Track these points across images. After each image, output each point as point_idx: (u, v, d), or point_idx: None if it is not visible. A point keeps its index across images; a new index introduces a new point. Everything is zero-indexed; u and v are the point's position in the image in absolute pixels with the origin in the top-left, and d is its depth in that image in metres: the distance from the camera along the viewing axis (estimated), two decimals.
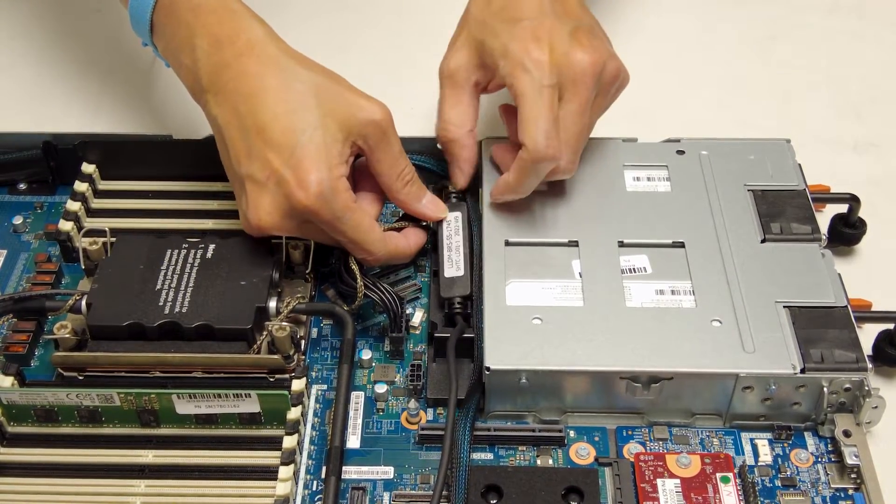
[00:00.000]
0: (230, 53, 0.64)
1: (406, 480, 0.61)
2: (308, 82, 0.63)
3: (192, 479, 0.60)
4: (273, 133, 0.62)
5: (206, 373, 0.64)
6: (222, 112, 0.63)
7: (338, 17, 0.91)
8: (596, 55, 0.64)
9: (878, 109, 0.84)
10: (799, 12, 0.92)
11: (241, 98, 0.63)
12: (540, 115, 0.63)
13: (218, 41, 0.64)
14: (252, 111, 0.62)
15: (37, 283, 0.71)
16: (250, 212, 0.63)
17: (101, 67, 0.87)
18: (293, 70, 0.64)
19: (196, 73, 0.64)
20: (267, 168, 0.62)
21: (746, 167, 0.71)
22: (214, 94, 0.64)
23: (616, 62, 0.67)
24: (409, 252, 0.69)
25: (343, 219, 0.63)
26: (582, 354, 0.61)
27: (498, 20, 0.66)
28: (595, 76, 0.64)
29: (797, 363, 0.60)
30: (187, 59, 0.65)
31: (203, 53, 0.64)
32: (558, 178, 0.67)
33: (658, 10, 0.92)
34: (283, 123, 0.62)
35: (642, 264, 0.66)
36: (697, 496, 0.59)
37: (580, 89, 0.64)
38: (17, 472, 0.61)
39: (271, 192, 0.62)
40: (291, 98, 0.63)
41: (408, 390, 0.66)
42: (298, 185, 0.61)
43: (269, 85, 0.63)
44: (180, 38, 0.65)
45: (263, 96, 0.62)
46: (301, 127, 0.62)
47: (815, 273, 0.65)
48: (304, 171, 0.61)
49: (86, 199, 0.73)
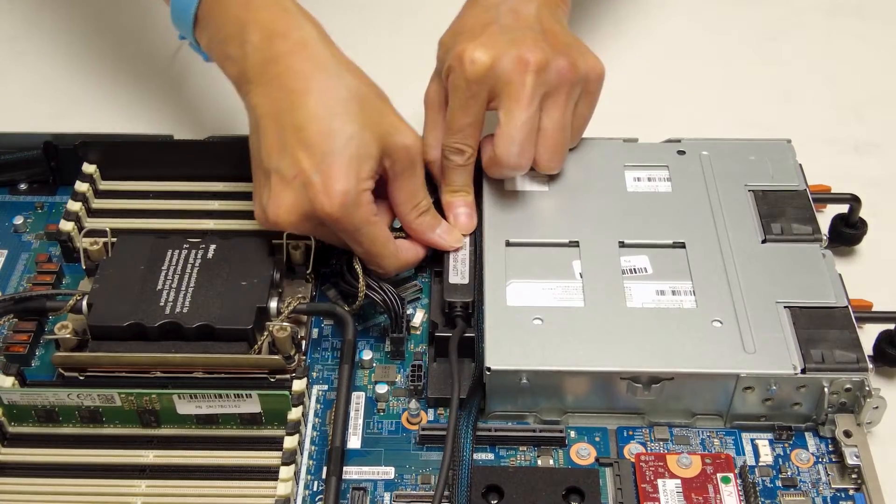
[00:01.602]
0: (281, 49, 0.63)
1: (407, 481, 0.61)
2: (354, 91, 0.63)
3: (193, 480, 0.60)
4: (309, 133, 0.62)
5: (206, 373, 0.64)
6: (263, 102, 0.63)
7: (338, 18, 0.91)
8: (533, 54, 0.65)
9: (878, 109, 0.84)
10: (799, 12, 0.92)
11: (285, 93, 0.63)
12: (452, 117, 0.66)
13: (270, 36, 0.64)
14: (292, 108, 0.62)
15: (37, 283, 0.71)
16: (270, 206, 0.63)
17: (102, 67, 0.87)
18: (341, 76, 0.64)
19: (244, 65, 0.64)
20: (296, 167, 0.62)
21: (747, 167, 0.71)
22: (258, 85, 0.64)
23: (569, 59, 0.66)
24: (417, 260, 0.69)
25: (362, 231, 0.63)
26: (583, 355, 0.61)
27: (448, 35, 0.69)
28: (534, 73, 0.65)
29: (798, 363, 0.60)
30: (235, 52, 0.65)
31: (253, 48, 0.64)
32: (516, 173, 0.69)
33: (658, 11, 0.92)
34: (321, 126, 0.62)
35: (643, 265, 0.66)
36: (698, 496, 0.59)
37: (515, 88, 0.65)
38: (18, 472, 0.61)
39: (296, 191, 0.62)
40: (334, 103, 0.62)
41: (408, 390, 0.66)
42: (324, 192, 0.61)
43: (314, 86, 0.63)
44: (228, 32, 0.65)
45: (307, 96, 0.62)
46: (338, 133, 0.62)
47: (815, 273, 0.65)
48: (332, 179, 0.61)
49: (86, 199, 0.73)
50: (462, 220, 0.69)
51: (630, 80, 0.81)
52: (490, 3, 0.69)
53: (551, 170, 0.69)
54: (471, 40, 0.66)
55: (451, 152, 0.67)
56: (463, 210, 0.69)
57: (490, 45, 0.65)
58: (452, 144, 0.67)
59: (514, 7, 0.68)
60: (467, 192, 0.69)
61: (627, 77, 0.85)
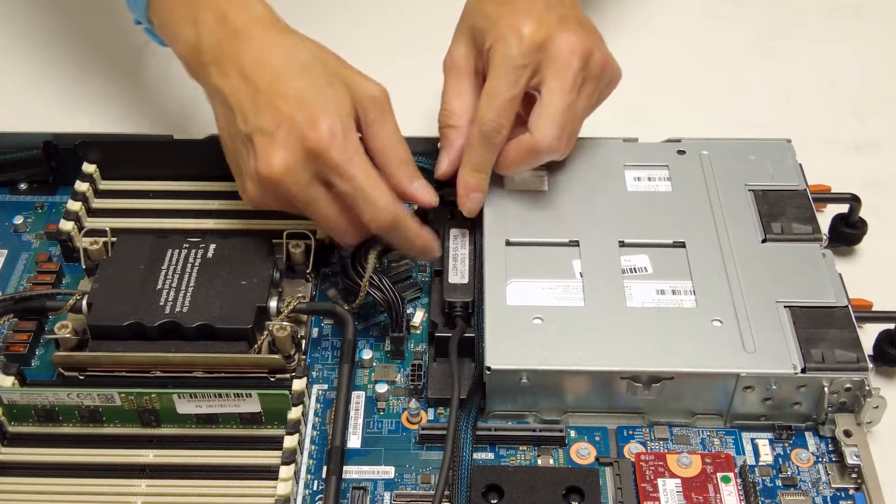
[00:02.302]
0: (236, 26, 0.64)
1: (407, 480, 0.61)
2: (314, 53, 0.65)
3: (193, 479, 0.60)
4: (283, 87, 0.62)
5: (206, 373, 0.64)
6: (228, 81, 0.64)
7: (337, 17, 0.92)
8: (582, 39, 0.65)
9: (878, 109, 0.84)
10: (799, 12, 0.92)
11: (250, 63, 0.63)
12: (498, 88, 0.64)
13: (223, 15, 0.65)
14: (262, 72, 0.63)
15: (37, 282, 0.71)
16: (261, 163, 0.62)
17: (103, 67, 0.87)
18: (300, 42, 0.65)
19: (199, 46, 0.65)
20: (277, 116, 0.62)
21: (747, 167, 0.71)
22: (218, 66, 0.64)
23: (604, 54, 0.67)
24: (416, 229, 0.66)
25: (354, 161, 0.62)
26: (583, 354, 0.61)
27: (490, 4, 0.67)
28: (581, 58, 0.64)
29: (798, 363, 0.60)
30: (188, 32, 0.65)
31: (207, 27, 0.64)
32: (548, 158, 0.67)
33: (658, 11, 0.92)
34: (294, 80, 0.63)
35: (643, 264, 0.66)
36: (698, 496, 0.59)
37: (563, 69, 0.64)
38: (18, 472, 0.61)
39: (282, 139, 0.61)
40: (299, 63, 0.63)
41: (408, 390, 0.66)
42: (311, 126, 0.61)
43: (275, 52, 0.64)
44: (181, 13, 0.66)
45: (273, 59, 0.63)
46: (310, 84, 0.63)
47: (815, 273, 0.65)
48: (317, 114, 0.61)
49: (86, 198, 0.73)
50: (470, 206, 0.67)
51: (630, 80, 0.80)
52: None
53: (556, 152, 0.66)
54: (525, 14, 0.65)
55: (489, 129, 0.65)
56: (477, 195, 0.67)
57: (543, 21, 0.65)
58: (493, 119, 0.65)
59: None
60: (487, 175, 0.67)
61: (627, 77, 0.85)
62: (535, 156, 0.66)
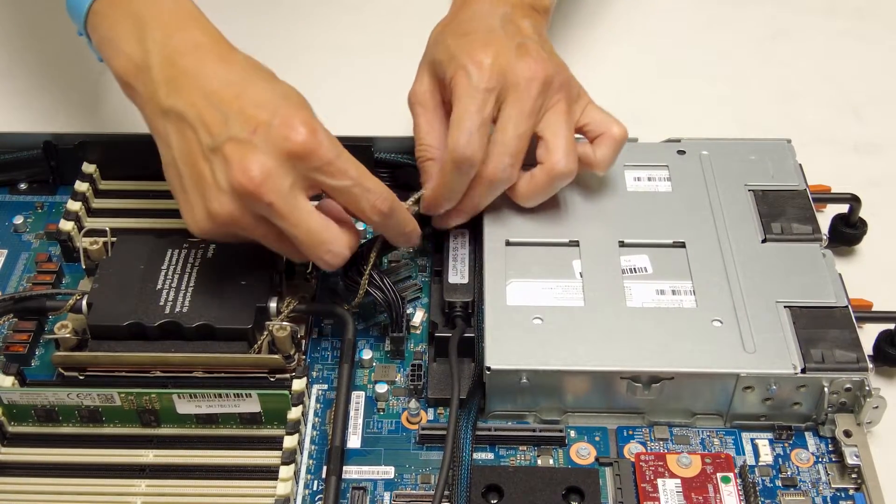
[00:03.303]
0: (189, 43, 0.62)
1: (406, 480, 0.61)
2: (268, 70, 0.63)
3: (193, 479, 0.60)
4: (253, 94, 0.59)
5: (206, 373, 0.64)
6: (183, 98, 0.60)
7: (337, 17, 0.92)
8: (542, 64, 0.65)
9: (878, 109, 0.84)
10: (799, 12, 0.92)
11: (211, 78, 0.60)
12: (466, 115, 0.63)
13: (172, 33, 0.62)
14: (225, 83, 0.60)
15: (37, 282, 0.71)
16: (235, 171, 0.57)
17: (103, 67, 0.87)
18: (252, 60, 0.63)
19: (144, 64, 0.61)
20: (251, 122, 0.58)
21: (747, 167, 0.71)
22: (170, 84, 0.61)
23: (564, 77, 0.66)
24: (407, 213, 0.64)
25: (343, 156, 0.60)
26: (582, 354, 0.61)
27: (450, 36, 0.67)
28: (541, 83, 0.64)
29: (798, 363, 0.60)
30: (132, 49, 0.62)
31: (156, 45, 0.61)
32: (500, 187, 0.66)
33: (658, 10, 0.92)
34: (261, 88, 0.60)
35: (643, 264, 0.66)
36: (698, 496, 0.59)
37: (523, 95, 0.64)
38: (18, 472, 0.61)
39: (260, 144, 0.58)
40: (261, 75, 0.62)
41: (408, 390, 0.66)
42: (291, 128, 0.58)
43: (235, 66, 0.61)
44: (123, 29, 0.63)
45: (233, 74, 0.61)
46: (280, 89, 0.61)
47: (815, 273, 0.65)
48: (294, 116, 0.58)
49: (86, 198, 0.73)
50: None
51: (630, 80, 0.81)
52: (485, 12, 0.68)
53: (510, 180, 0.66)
54: (483, 45, 0.65)
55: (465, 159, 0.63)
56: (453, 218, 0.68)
57: (501, 51, 0.65)
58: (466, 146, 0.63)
59: (512, 19, 0.68)
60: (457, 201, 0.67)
61: (627, 77, 0.85)
62: (491, 186, 0.65)
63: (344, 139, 0.73)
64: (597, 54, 0.86)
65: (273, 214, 0.59)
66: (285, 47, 0.88)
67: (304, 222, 0.59)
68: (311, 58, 0.87)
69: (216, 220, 0.60)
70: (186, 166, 0.60)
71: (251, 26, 0.90)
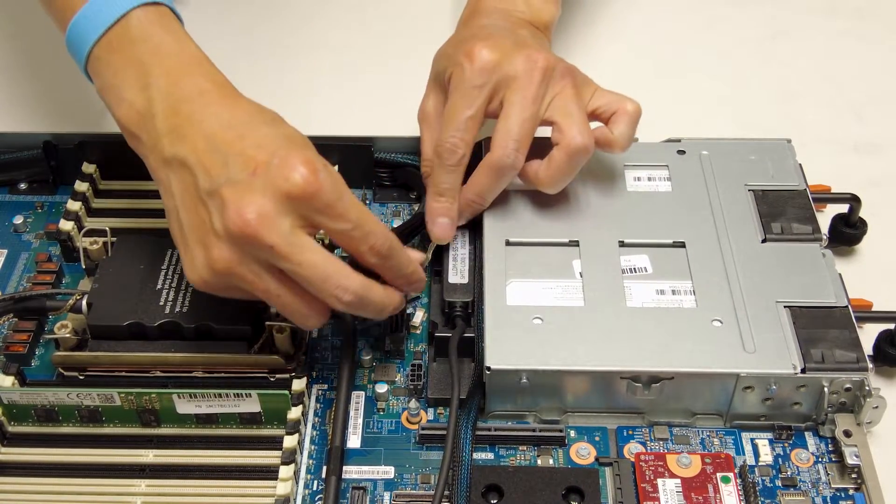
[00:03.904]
0: (192, 90, 0.59)
1: (406, 480, 0.61)
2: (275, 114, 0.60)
3: (193, 479, 0.60)
4: (254, 137, 0.57)
5: (206, 372, 0.64)
6: (186, 145, 0.58)
7: (338, 17, 0.92)
8: (542, 53, 0.65)
9: (878, 109, 0.84)
10: (799, 12, 0.92)
11: (215, 124, 0.58)
12: (453, 111, 0.64)
13: (178, 81, 0.60)
14: (226, 126, 0.58)
15: (37, 282, 0.71)
16: (231, 214, 0.55)
17: None
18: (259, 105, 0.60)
19: (148, 112, 0.59)
20: (251, 163, 0.56)
21: (747, 167, 0.71)
22: (174, 133, 0.58)
23: (566, 65, 0.67)
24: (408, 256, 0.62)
25: (343, 198, 0.57)
26: (582, 354, 0.61)
27: (450, 46, 0.68)
28: (542, 71, 0.64)
29: (798, 363, 0.60)
30: (136, 97, 0.60)
31: (160, 93, 0.59)
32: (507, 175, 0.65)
33: (658, 11, 0.92)
34: (263, 131, 0.58)
35: (643, 264, 0.66)
36: (698, 496, 0.59)
37: (524, 82, 0.64)
38: (18, 472, 0.61)
39: (259, 186, 0.55)
40: (265, 119, 0.59)
41: (408, 390, 0.66)
42: (292, 169, 0.55)
43: (241, 112, 0.59)
44: (126, 76, 0.60)
45: (238, 119, 0.58)
46: (282, 131, 0.58)
47: (815, 273, 0.65)
48: (295, 157, 0.56)
49: (86, 198, 0.73)
50: (438, 232, 0.66)
51: (630, 80, 0.80)
52: (485, 24, 0.69)
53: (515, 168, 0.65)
54: (480, 40, 0.65)
55: (445, 149, 0.64)
56: (444, 220, 0.66)
57: (498, 45, 0.65)
58: (448, 139, 0.64)
59: (511, 29, 0.69)
60: (452, 199, 0.66)
61: (627, 77, 0.85)
62: (498, 173, 0.65)
63: (344, 139, 0.74)
64: (596, 54, 0.86)
65: (274, 256, 0.56)
66: (286, 47, 0.88)
67: (308, 259, 0.56)
68: (311, 58, 0.87)
69: (215, 268, 0.57)
70: (186, 213, 0.58)
71: (251, 26, 0.90)
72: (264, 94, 0.62)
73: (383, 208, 0.76)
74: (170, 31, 0.61)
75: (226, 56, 0.64)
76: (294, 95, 0.83)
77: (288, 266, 0.56)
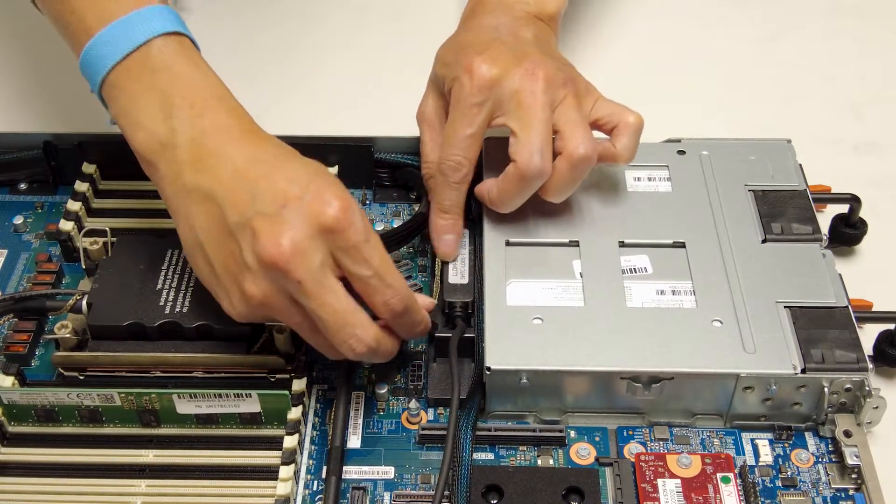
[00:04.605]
0: (216, 124, 0.59)
1: (406, 480, 0.61)
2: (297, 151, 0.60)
3: (193, 479, 0.60)
4: (284, 171, 0.57)
5: (206, 373, 0.64)
6: (210, 176, 0.58)
7: (339, 17, 0.92)
8: (541, 65, 0.64)
9: (878, 109, 0.84)
10: (799, 12, 0.92)
11: (241, 158, 0.58)
12: (453, 130, 0.65)
13: (202, 112, 0.59)
14: (253, 161, 0.58)
15: (37, 282, 0.71)
16: (265, 244, 0.55)
17: None
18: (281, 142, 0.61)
19: (171, 142, 0.59)
20: (281, 196, 0.56)
21: (747, 167, 0.71)
22: (197, 163, 0.58)
23: (567, 73, 0.66)
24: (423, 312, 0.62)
25: (371, 241, 0.57)
26: (582, 354, 0.61)
27: (451, 51, 0.68)
28: (544, 81, 0.64)
29: (798, 363, 0.60)
30: (155, 126, 0.59)
31: (183, 123, 0.59)
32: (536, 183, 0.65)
33: (658, 11, 0.92)
34: (292, 166, 0.58)
35: (643, 264, 0.66)
36: (698, 496, 0.59)
37: (527, 97, 0.64)
38: (18, 472, 0.61)
39: (289, 219, 0.56)
40: (291, 153, 0.60)
41: (408, 390, 0.66)
42: (324, 203, 0.56)
43: (266, 147, 0.59)
44: (145, 103, 0.60)
45: (264, 154, 0.59)
46: (311, 167, 0.59)
47: (815, 273, 0.65)
48: (326, 192, 0.57)
49: (86, 198, 0.73)
50: (444, 249, 0.67)
51: (630, 80, 0.80)
52: (488, 24, 0.69)
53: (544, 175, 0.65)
54: (478, 53, 0.65)
55: (448, 167, 0.65)
56: (449, 237, 0.67)
57: (497, 58, 0.65)
58: (451, 157, 0.65)
59: (513, 30, 0.68)
60: (458, 216, 0.67)
61: (627, 77, 0.85)
62: (525, 182, 0.64)
63: (344, 139, 0.74)
64: (596, 54, 0.86)
65: (300, 293, 0.56)
66: (286, 47, 0.88)
67: (331, 303, 0.57)
68: (311, 58, 0.87)
69: (251, 302, 0.57)
70: (213, 248, 0.58)
71: (252, 27, 0.90)
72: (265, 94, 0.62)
73: (383, 208, 0.76)
74: (192, 62, 0.61)
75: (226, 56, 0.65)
76: (294, 95, 0.83)
77: (309, 305, 0.57)
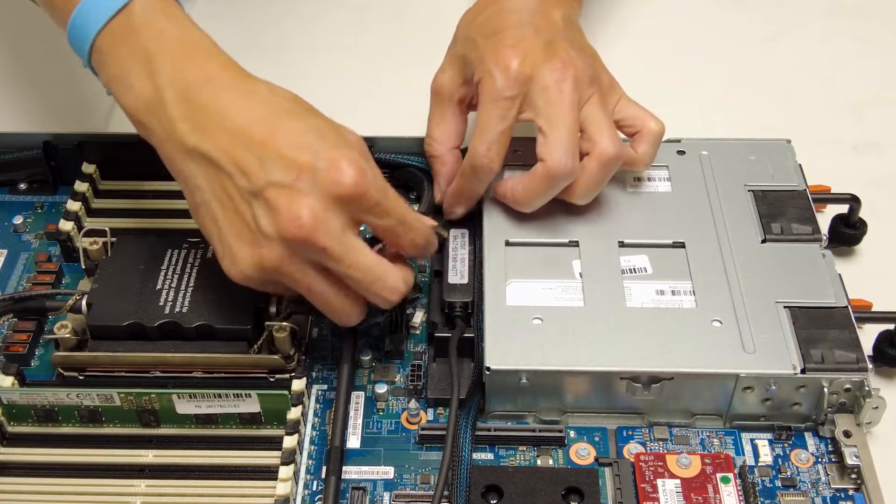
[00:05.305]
0: (200, 75, 0.59)
1: (406, 480, 0.61)
2: (291, 97, 0.60)
3: (193, 479, 0.60)
4: (287, 134, 0.57)
5: (206, 373, 0.64)
6: (210, 138, 0.57)
7: (339, 17, 0.92)
8: (570, 64, 0.64)
9: (878, 109, 0.84)
10: (799, 12, 0.92)
11: (230, 111, 0.58)
12: (487, 123, 0.64)
13: (183, 66, 0.59)
14: (250, 120, 0.57)
15: (37, 282, 0.71)
16: (284, 218, 0.55)
17: None
18: (273, 88, 0.60)
19: (158, 100, 0.59)
20: (293, 168, 0.56)
21: (747, 167, 0.71)
22: (191, 121, 0.58)
23: (594, 71, 0.66)
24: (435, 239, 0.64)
25: (388, 195, 0.58)
26: (582, 354, 0.61)
27: (479, 34, 0.67)
28: (572, 81, 0.64)
29: (797, 363, 0.60)
30: (142, 86, 0.59)
31: (166, 80, 0.58)
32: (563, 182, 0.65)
33: (658, 11, 0.92)
34: (293, 126, 0.57)
35: (643, 264, 0.66)
36: (698, 496, 0.59)
37: (554, 96, 0.64)
38: (18, 472, 0.61)
39: (305, 189, 0.56)
40: (286, 109, 0.59)
41: (408, 390, 0.66)
42: (338, 171, 0.56)
43: (258, 99, 0.58)
44: (130, 66, 0.59)
45: (258, 108, 0.58)
46: (314, 127, 0.58)
47: (815, 273, 0.65)
48: (337, 157, 0.56)
49: (86, 198, 0.73)
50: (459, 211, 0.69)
51: (630, 80, 0.80)
52: (514, 3, 0.68)
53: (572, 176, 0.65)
54: (509, 46, 0.64)
55: (481, 166, 0.65)
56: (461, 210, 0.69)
57: (528, 51, 0.64)
58: (485, 154, 0.64)
59: (543, 9, 0.67)
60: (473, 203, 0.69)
61: (627, 77, 0.85)
62: (554, 182, 0.65)
63: None
64: (597, 54, 0.86)
65: (327, 258, 0.57)
66: (286, 47, 0.88)
67: (360, 262, 0.58)
68: (311, 58, 0.87)
69: (263, 267, 0.58)
70: (224, 211, 0.58)
71: (252, 26, 0.90)
72: None
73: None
74: (172, 17, 0.61)
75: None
76: None
77: (339, 267, 0.58)
